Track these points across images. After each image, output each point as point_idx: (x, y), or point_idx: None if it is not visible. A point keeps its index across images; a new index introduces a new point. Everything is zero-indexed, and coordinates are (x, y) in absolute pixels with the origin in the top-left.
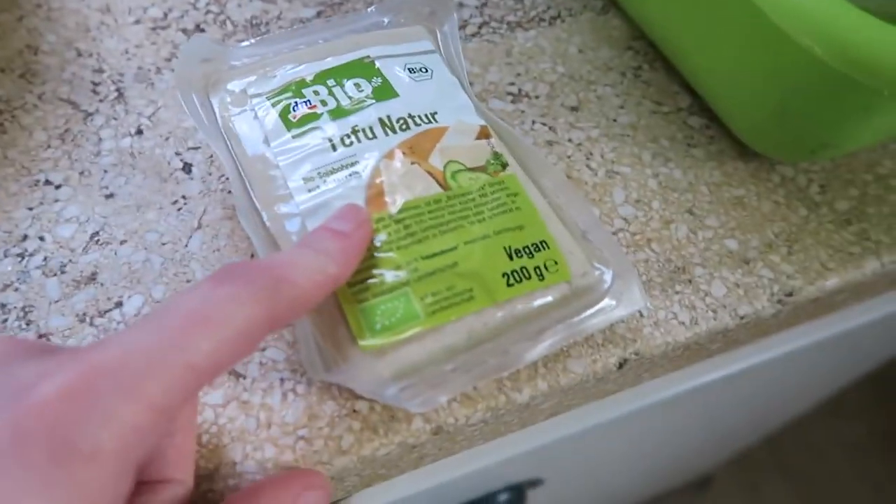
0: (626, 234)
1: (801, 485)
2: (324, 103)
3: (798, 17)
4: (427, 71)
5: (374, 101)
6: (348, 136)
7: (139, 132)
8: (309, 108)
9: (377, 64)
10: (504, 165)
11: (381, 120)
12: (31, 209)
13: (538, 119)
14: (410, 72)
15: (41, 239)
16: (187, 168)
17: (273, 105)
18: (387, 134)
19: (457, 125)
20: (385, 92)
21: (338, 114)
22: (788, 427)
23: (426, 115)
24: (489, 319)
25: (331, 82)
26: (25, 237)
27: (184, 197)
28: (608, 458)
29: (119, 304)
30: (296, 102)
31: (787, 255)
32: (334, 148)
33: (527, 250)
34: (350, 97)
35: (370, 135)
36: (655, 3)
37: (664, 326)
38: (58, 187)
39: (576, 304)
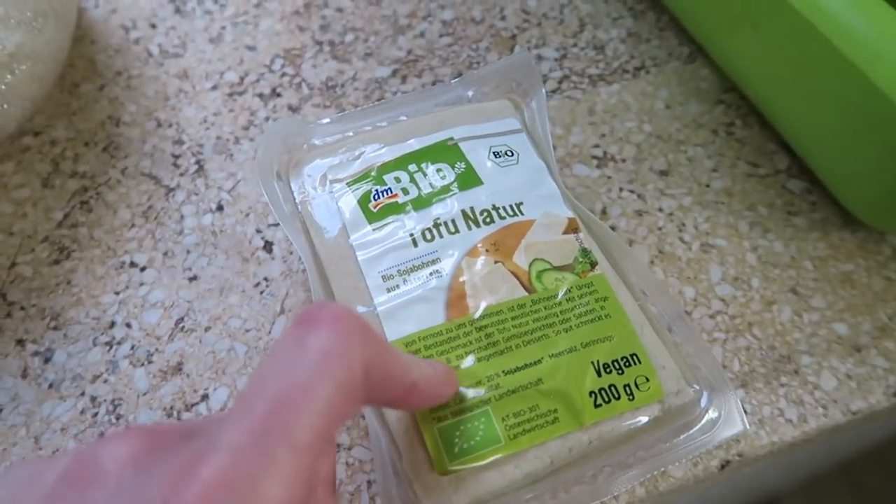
0: (724, 317)
1: None
2: (405, 191)
3: None
4: (513, 155)
5: (457, 189)
6: (430, 231)
7: (220, 208)
8: (389, 196)
9: (461, 147)
10: (593, 264)
11: (464, 213)
12: (117, 293)
13: (625, 186)
14: (496, 156)
15: (128, 326)
16: (268, 247)
17: (353, 191)
18: (470, 228)
19: (543, 218)
20: (469, 180)
21: (419, 204)
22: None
23: (511, 207)
24: (574, 445)
25: (412, 167)
26: (113, 324)
27: (266, 279)
28: None
29: (205, 397)
30: (377, 190)
31: None
32: (415, 244)
33: (616, 365)
34: (432, 185)
35: (452, 229)
36: (753, 58)
37: (770, 425)
38: (143, 269)
39: (668, 427)
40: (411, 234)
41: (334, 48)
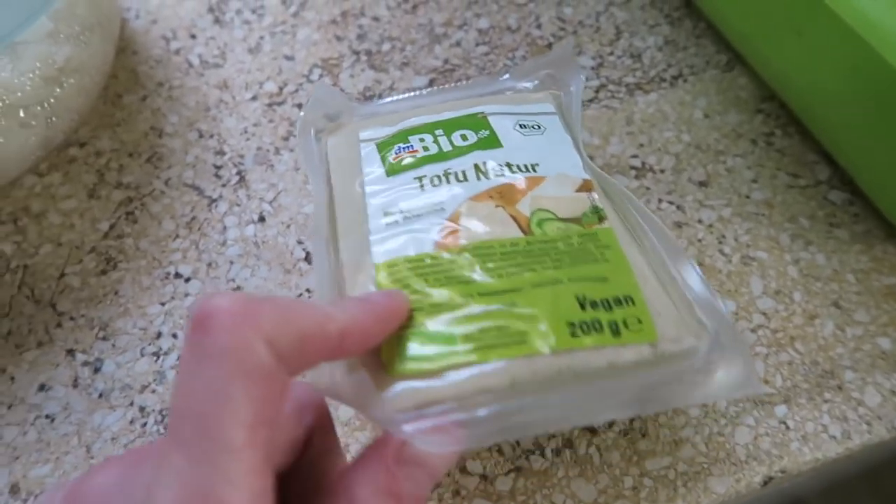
0: (766, 331)
1: None
2: (426, 149)
3: None
4: (539, 128)
5: (475, 150)
6: (438, 178)
7: (261, 219)
8: (410, 151)
9: (490, 119)
10: (601, 219)
11: (476, 165)
12: (163, 304)
13: (665, 197)
14: (521, 127)
15: (174, 336)
16: (309, 258)
17: (380, 150)
18: (479, 179)
19: (557, 177)
20: (489, 142)
21: (436, 158)
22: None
23: (525, 166)
24: (539, 368)
25: (439, 132)
26: (160, 335)
27: (308, 290)
28: None
29: None
30: (399, 147)
31: None
32: (423, 188)
33: (605, 303)
34: (453, 145)
35: (461, 178)
36: (795, 67)
37: (813, 441)
38: (187, 280)
39: (658, 373)
40: (420, 179)
41: (371, 57)
